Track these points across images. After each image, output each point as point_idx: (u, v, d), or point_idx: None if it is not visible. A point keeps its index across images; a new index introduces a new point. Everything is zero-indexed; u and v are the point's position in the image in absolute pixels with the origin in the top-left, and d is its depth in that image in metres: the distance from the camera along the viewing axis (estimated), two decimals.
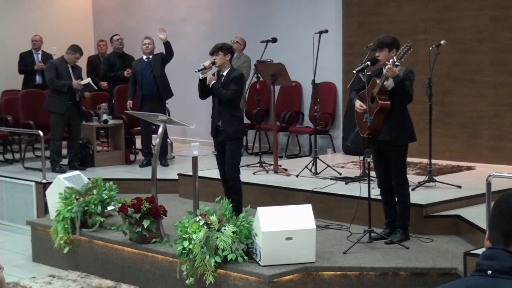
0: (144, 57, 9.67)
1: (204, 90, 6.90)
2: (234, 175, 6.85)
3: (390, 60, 5.94)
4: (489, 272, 1.84)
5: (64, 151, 9.75)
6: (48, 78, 9.33)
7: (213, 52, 6.86)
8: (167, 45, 9.43)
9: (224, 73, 6.86)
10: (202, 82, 6.86)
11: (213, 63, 6.86)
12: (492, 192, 5.45)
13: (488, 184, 5.44)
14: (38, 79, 11.55)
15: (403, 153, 6.13)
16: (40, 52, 11.67)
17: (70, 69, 9.43)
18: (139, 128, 10.11)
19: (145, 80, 9.53)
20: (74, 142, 9.52)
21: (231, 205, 5.96)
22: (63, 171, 8.83)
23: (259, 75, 8.82)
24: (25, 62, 11.57)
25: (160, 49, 9.69)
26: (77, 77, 9.44)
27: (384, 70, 5.94)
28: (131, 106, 9.57)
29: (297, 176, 7.99)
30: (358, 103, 6.14)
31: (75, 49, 9.49)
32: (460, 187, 7.22)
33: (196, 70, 6.88)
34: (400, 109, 6.04)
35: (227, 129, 6.74)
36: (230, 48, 6.98)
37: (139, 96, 9.56)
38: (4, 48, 12.11)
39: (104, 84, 11.18)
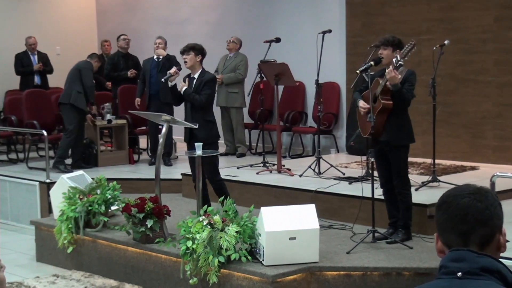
0: (155, 56, 9.65)
1: (177, 96, 6.85)
2: (215, 179, 6.80)
3: (394, 59, 5.94)
4: (459, 274, 1.84)
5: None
6: (92, 81, 9.58)
7: (183, 51, 6.79)
8: (168, 60, 9.43)
9: (196, 76, 6.79)
10: (173, 89, 6.82)
11: (180, 69, 6.83)
12: (496, 192, 5.44)
13: (492, 184, 5.44)
14: (37, 79, 11.54)
15: (403, 154, 6.13)
16: (35, 53, 11.66)
17: None
18: (143, 128, 10.12)
19: (153, 80, 9.51)
20: (80, 141, 9.55)
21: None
22: (70, 171, 8.82)
23: (262, 75, 8.82)
24: (22, 63, 11.56)
25: (170, 51, 9.63)
26: None
27: (386, 73, 5.93)
28: (139, 104, 9.58)
29: (300, 176, 7.98)
30: (361, 102, 6.14)
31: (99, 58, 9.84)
32: None
33: (163, 79, 6.88)
34: (401, 110, 6.05)
35: (200, 134, 6.63)
36: (201, 49, 6.88)
37: (147, 95, 9.56)
38: (6, 48, 12.10)
39: (108, 84, 11.19)
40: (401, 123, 6.06)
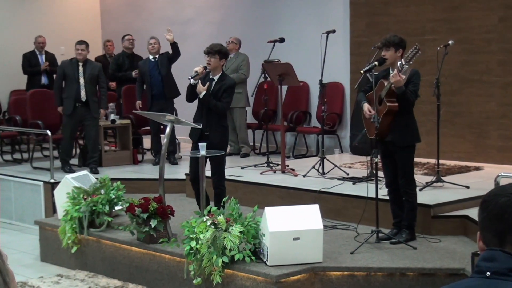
0: (151, 57, 9.73)
1: (194, 94, 6.83)
2: (221, 183, 6.77)
3: (398, 63, 5.92)
4: (488, 273, 1.83)
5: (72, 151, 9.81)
6: (54, 83, 9.45)
7: (208, 53, 6.72)
8: (174, 45, 9.47)
9: (215, 78, 6.75)
10: (193, 87, 6.80)
11: (206, 68, 6.75)
12: None
13: (497, 185, 5.43)
14: (44, 79, 11.57)
15: (409, 154, 6.12)
16: (43, 52, 11.69)
17: (81, 67, 9.34)
18: (147, 128, 10.14)
19: (154, 80, 9.58)
20: (87, 143, 9.51)
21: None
22: (73, 171, 8.83)
23: (266, 75, 8.82)
24: (30, 63, 11.58)
25: (165, 48, 9.72)
26: (89, 75, 9.28)
27: (391, 76, 5.91)
28: (140, 106, 9.61)
29: (304, 176, 7.98)
30: (366, 107, 6.11)
31: (76, 44, 9.43)
32: (468, 187, 7.20)
33: (189, 77, 6.79)
34: (406, 110, 6.04)
35: (213, 139, 6.58)
36: (226, 53, 6.87)
37: (149, 96, 9.60)
38: (11, 48, 12.12)
39: (112, 84, 11.20)
40: (407, 124, 6.05)
